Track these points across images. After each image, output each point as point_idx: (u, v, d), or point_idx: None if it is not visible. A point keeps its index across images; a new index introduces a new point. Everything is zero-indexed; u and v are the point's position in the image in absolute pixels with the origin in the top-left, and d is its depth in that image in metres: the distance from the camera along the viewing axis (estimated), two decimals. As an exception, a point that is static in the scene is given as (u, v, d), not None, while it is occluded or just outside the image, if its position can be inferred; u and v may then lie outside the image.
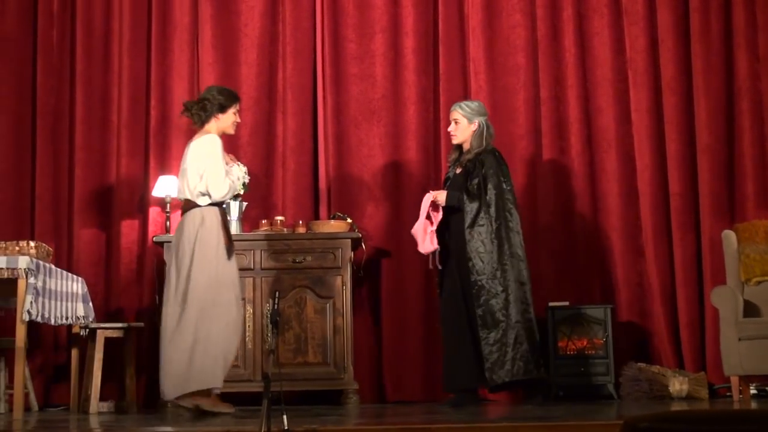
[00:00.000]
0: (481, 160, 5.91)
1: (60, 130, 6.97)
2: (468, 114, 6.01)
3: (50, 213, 6.89)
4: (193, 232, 5.41)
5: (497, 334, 5.74)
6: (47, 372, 6.75)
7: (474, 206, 5.83)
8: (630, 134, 6.88)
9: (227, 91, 5.68)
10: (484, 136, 5.98)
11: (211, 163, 5.43)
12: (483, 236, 5.80)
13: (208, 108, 5.57)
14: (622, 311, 6.74)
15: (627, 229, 6.81)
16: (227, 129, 5.64)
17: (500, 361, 5.73)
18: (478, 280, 5.78)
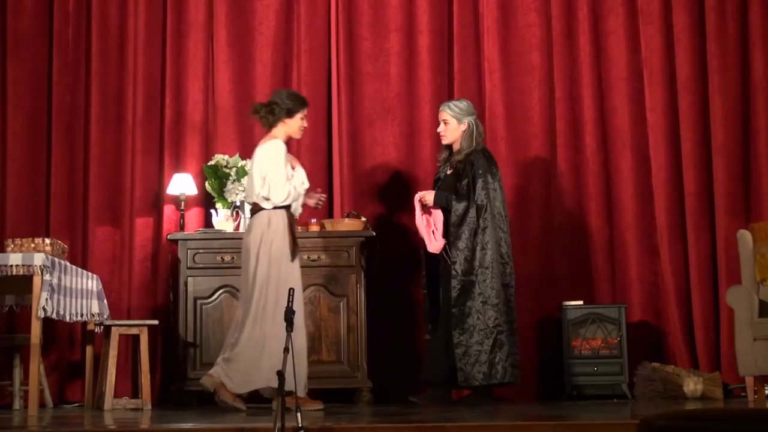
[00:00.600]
0: (471, 160, 5.87)
1: (75, 128, 6.99)
2: (457, 114, 5.97)
3: (65, 210, 6.91)
4: (259, 234, 5.56)
5: (471, 337, 5.67)
6: (62, 369, 6.77)
7: (461, 206, 5.79)
8: (645, 134, 6.86)
9: (296, 95, 5.78)
10: (474, 136, 5.94)
11: (273, 169, 5.57)
12: (468, 236, 5.76)
13: (276, 112, 5.69)
14: (637, 311, 6.72)
15: (642, 228, 6.80)
16: (294, 133, 5.76)
17: (475, 364, 5.66)
18: (460, 281, 5.73)
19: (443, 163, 6.09)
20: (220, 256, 6.43)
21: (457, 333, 5.70)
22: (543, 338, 6.76)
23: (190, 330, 6.35)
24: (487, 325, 5.71)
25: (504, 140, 6.93)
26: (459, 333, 5.71)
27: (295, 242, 5.58)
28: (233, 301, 6.37)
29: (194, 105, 7.01)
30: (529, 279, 6.80)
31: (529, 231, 6.87)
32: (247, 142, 6.97)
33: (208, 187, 6.75)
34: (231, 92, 7.02)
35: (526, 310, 6.75)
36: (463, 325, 5.71)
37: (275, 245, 5.55)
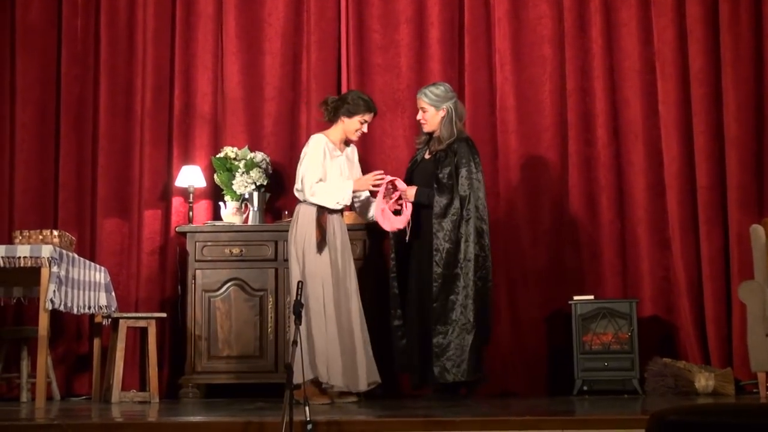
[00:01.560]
0: (454, 149, 5.79)
1: (84, 119, 6.99)
2: (434, 101, 5.87)
3: (73, 202, 6.92)
4: (291, 228, 5.68)
5: (452, 332, 5.61)
6: (69, 361, 6.79)
7: (444, 197, 5.70)
8: (657, 126, 6.84)
9: (365, 99, 5.84)
10: (453, 122, 5.84)
11: (306, 163, 5.67)
12: (451, 228, 5.68)
13: (340, 109, 5.77)
14: (648, 305, 6.70)
15: (653, 222, 6.77)
16: (350, 135, 5.83)
17: (456, 359, 5.60)
18: (442, 274, 5.65)
19: (423, 145, 5.99)
20: (228, 249, 6.44)
21: (438, 328, 5.62)
22: (553, 333, 6.74)
23: (198, 323, 6.36)
24: (469, 320, 5.64)
25: (515, 133, 6.91)
26: (441, 328, 5.62)
27: (323, 235, 5.59)
28: (241, 294, 6.38)
29: (203, 96, 7.00)
30: (538, 272, 6.79)
31: (539, 224, 6.85)
32: (256, 133, 6.97)
33: (216, 179, 6.75)
34: (240, 83, 7.01)
35: (536, 304, 6.74)
36: (445, 320, 5.63)
37: (301, 239, 5.62)
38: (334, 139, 5.78)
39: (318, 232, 5.62)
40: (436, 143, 5.86)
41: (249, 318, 6.38)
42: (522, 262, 6.82)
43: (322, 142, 5.72)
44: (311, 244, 5.61)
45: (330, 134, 5.80)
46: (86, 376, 6.70)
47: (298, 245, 5.63)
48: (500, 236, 6.79)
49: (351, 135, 5.83)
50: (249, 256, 6.42)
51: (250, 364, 6.27)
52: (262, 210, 6.63)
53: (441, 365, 5.61)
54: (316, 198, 5.64)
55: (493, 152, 6.93)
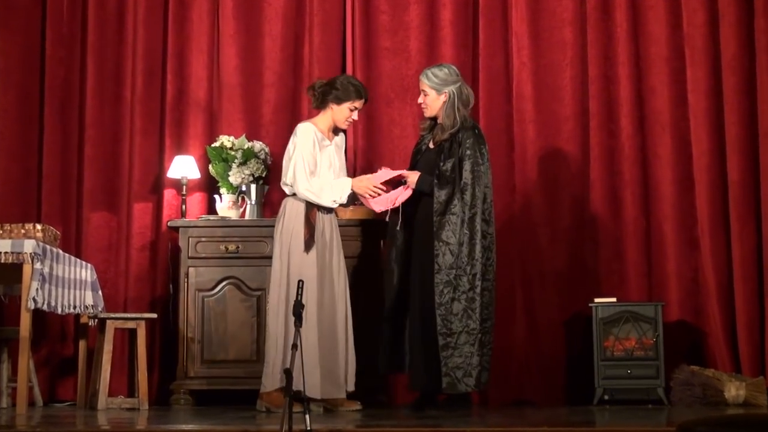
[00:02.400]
0: (458, 139, 5.74)
1: (69, 106, 7.00)
2: (435, 85, 5.83)
3: (58, 194, 6.93)
4: (277, 224, 5.72)
5: (459, 340, 5.56)
6: (53, 365, 6.80)
7: (445, 191, 5.66)
8: (686, 117, 6.82)
9: (355, 85, 5.86)
10: (455, 108, 5.79)
11: (296, 155, 5.69)
12: (454, 225, 5.63)
13: (328, 95, 5.79)
14: (674, 309, 6.69)
15: (681, 219, 6.76)
16: (339, 123, 5.86)
17: (467, 369, 5.55)
18: (444, 277, 5.59)
19: (427, 131, 5.96)
20: (224, 245, 6.44)
21: (444, 336, 5.58)
22: (572, 338, 6.73)
23: (191, 324, 6.37)
24: (476, 325, 5.60)
25: (533, 123, 6.90)
26: (447, 336, 5.58)
27: (311, 233, 5.60)
28: (237, 294, 6.39)
29: (198, 81, 7.01)
30: (557, 273, 6.78)
31: (558, 221, 6.84)
32: (254, 122, 6.97)
33: (211, 170, 6.75)
34: (237, 68, 7.02)
35: (554, 307, 6.74)
36: (450, 326, 5.58)
37: (287, 236, 5.64)
38: (322, 127, 5.80)
39: (306, 229, 5.63)
40: (439, 132, 5.83)
41: (245, 319, 6.38)
42: (539, 262, 6.81)
43: (311, 132, 5.72)
44: (298, 242, 5.62)
45: (318, 122, 5.82)
46: (71, 380, 6.71)
47: (284, 242, 5.65)
48: (516, 234, 6.79)
49: (340, 123, 5.85)
50: (246, 253, 6.42)
51: (247, 368, 6.27)
52: (260, 203, 6.63)
53: (450, 376, 5.57)
54: (310, 195, 5.65)
55: (508, 144, 6.92)
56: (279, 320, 5.58)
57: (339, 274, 5.76)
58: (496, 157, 6.85)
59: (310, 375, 5.39)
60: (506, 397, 6.58)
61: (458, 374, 5.57)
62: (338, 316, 5.69)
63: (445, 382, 5.57)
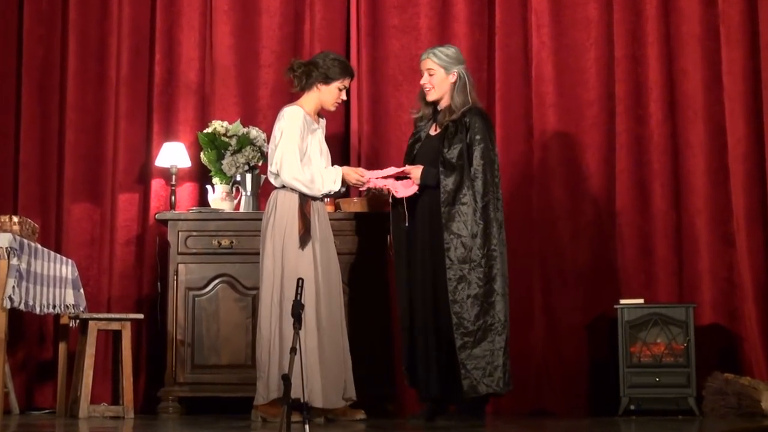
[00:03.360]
0: (466, 122, 5.72)
1: (49, 87, 7.00)
2: (444, 62, 5.83)
3: (36, 184, 6.93)
4: (266, 218, 5.70)
5: (478, 337, 5.55)
6: (30, 369, 6.80)
7: (452, 179, 5.64)
8: (721, 101, 6.81)
9: (341, 62, 5.85)
10: (467, 90, 5.81)
11: (283, 141, 5.66)
12: (466, 216, 5.62)
13: (313, 74, 5.77)
14: (707, 311, 6.68)
15: (715, 213, 6.75)
16: (326, 104, 5.84)
17: (487, 369, 5.55)
18: (458, 271, 5.59)
19: (425, 122, 5.94)
20: (216, 240, 6.44)
21: (461, 335, 5.57)
22: (595, 343, 6.73)
23: (180, 326, 6.36)
24: (495, 321, 5.60)
25: (553, 107, 6.90)
26: (464, 334, 5.58)
27: (306, 228, 5.59)
28: (231, 293, 6.39)
29: (188, 62, 7.00)
30: (579, 272, 6.78)
31: (581, 215, 6.83)
32: (250, 106, 6.97)
33: (203, 158, 6.75)
34: (232, 47, 7.01)
35: (576, 309, 6.73)
36: (467, 325, 5.59)
37: (280, 231, 5.63)
38: (309, 110, 5.79)
39: (301, 223, 5.62)
40: (446, 114, 5.81)
41: (240, 321, 6.38)
42: (560, 260, 6.80)
43: (300, 116, 5.70)
44: (292, 239, 5.61)
45: (305, 105, 5.80)
46: (50, 386, 6.71)
47: (276, 239, 5.63)
48: (535, 229, 6.78)
49: (328, 105, 5.84)
50: (240, 248, 6.41)
51: (241, 374, 6.27)
52: (255, 195, 6.62)
53: (470, 378, 5.55)
54: (298, 184, 5.63)
55: (527, 130, 6.91)
56: (273, 324, 5.56)
57: (332, 271, 5.75)
58: (513, 145, 6.86)
59: (310, 381, 5.38)
60: (523, 407, 6.57)
61: (477, 375, 5.55)
62: (335, 318, 5.69)
63: (466, 385, 5.54)
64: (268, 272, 5.63)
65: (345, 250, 6.36)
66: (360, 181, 5.83)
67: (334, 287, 5.72)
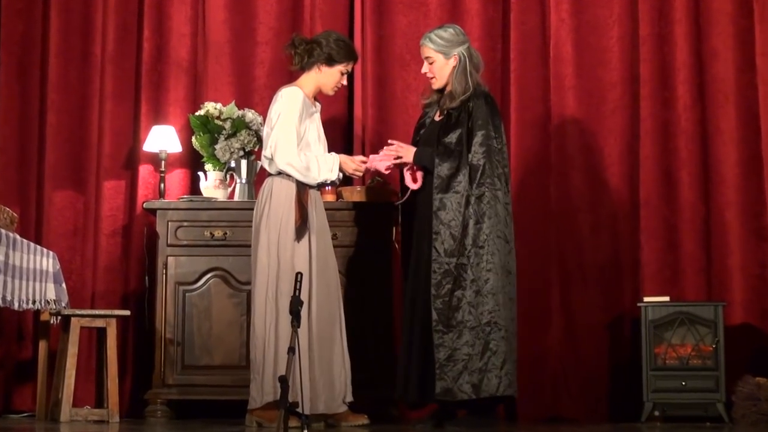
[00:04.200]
0: (469, 107, 5.72)
1: (29, 66, 6.99)
2: (442, 48, 5.80)
3: (15, 170, 6.93)
4: (260, 207, 5.69)
5: (459, 336, 5.52)
6: (8, 369, 6.80)
7: (447, 165, 5.63)
8: (754, 84, 6.81)
9: (346, 43, 5.85)
10: (467, 72, 5.78)
11: (280, 124, 5.65)
12: (457, 206, 5.60)
13: (315, 54, 5.76)
14: (737, 310, 6.69)
15: (747, 205, 6.75)
16: (325, 88, 5.84)
17: (462, 372, 5.50)
18: (444, 264, 5.58)
19: (433, 105, 5.93)
20: (209, 231, 6.44)
21: (439, 332, 5.55)
22: (616, 343, 6.74)
23: (169, 323, 6.36)
24: (479, 322, 5.56)
25: (573, 90, 6.89)
26: (442, 332, 5.55)
27: (303, 219, 5.58)
28: (224, 288, 6.38)
29: (179, 38, 6.99)
30: (600, 267, 6.78)
31: (601, 206, 6.83)
32: (245, 86, 6.96)
33: (195, 143, 6.74)
34: (226, 23, 7.01)
35: (596, 307, 6.73)
36: (448, 322, 5.56)
37: (275, 222, 5.63)
38: (307, 92, 5.78)
39: (298, 214, 5.61)
40: (447, 100, 5.80)
41: (233, 318, 6.38)
42: (579, 254, 6.80)
43: (300, 98, 5.69)
44: (288, 230, 5.60)
45: (304, 86, 5.78)
46: (29, 387, 6.72)
47: (271, 230, 5.62)
48: (552, 222, 6.78)
49: (328, 88, 5.83)
50: (234, 240, 6.40)
51: (235, 376, 6.27)
52: (251, 182, 6.61)
53: (444, 380, 5.53)
54: (292, 171, 5.62)
55: (544, 114, 6.91)
56: (268, 322, 5.55)
57: (329, 265, 5.74)
58: (529, 131, 6.85)
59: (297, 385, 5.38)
60: (539, 412, 6.57)
61: (452, 377, 5.51)
62: (333, 315, 5.68)
63: (439, 387, 5.52)
64: (262, 266, 5.62)
65: (346, 242, 6.36)
66: (358, 171, 5.82)
67: (331, 282, 5.71)
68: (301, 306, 4.46)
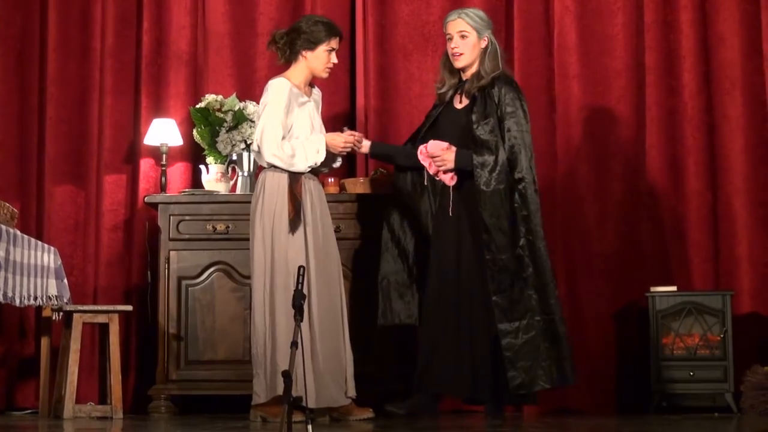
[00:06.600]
0: (493, 94, 5.72)
1: (28, 59, 7.00)
2: (478, 25, 5.82)
3: (14, 165, 6.94)
4: (254, 201, 5.72)
5: (526, 328, 5.58)
6: (11, 366, 6.82)
7: (487, 159, 5.64)
8: (761, 71, 6.80)
9: (323, 23, 5.82)
10: (498, 56, 5.81)
11: (264, 116, 5.67)
12: (503, 199, 5.62)
13: (297, 43, 5.77)
14: (746, 299, 6.69)
15: (754, 193, 6.75)
16: (317, 71, 5.82)
17: (535, 361, 5.57)
18: (498, 260, 5.60)
19: (451, 91, 5.91)
20: (211, 225, 6.45)
21: (505, 326, 5.58)
22: (624, 334, 6.75)
23: (172, 318, 6.38)
24: (543, 311, 5.62)
25: (577, 78, 6.89)
26: (508, 326, 5.58)
27: (296, 211, 5.60)
28: (227, 282, 6.40)
29: (179, 30, 7.00)
30: (607, 257, 6.78)
31: (608, 195, 6.83)
32: (246, 78, 6.97)
33: (196, 136, 6.76)
34: (226, 14, 7.02)
35: (603, 297, 6.74)
36: (513, 315, 5.60)
37: (268, 215, 5.65)
38: (298, 82, 5.78)
39: (291, 205, 5.63)
40: (474, 81, 5.80)
41: (237, 312, 6.39)
42: (586, 244, 6.81)
43: (285, 89, 5.71)
44: (282, 223, 5.63)
45: (292, 77, 5.79)
46: (32, 384, 6.75)
47: (266, 224, 5.65)
48: (557, 211, 6.78)
49: (319, 71, 5.82)
50: (237, 233, 6.42)
51: (238, 370, 6.28)
52: (253, 175, 6.63)
53: (519, 374, 5.57)
54: (279, 162, 5.64)
55: (549, 104, 6.92)
56: (266, 316, 5.59)
57: (330, 257, 5.75)
58: (534, 120, 6.77)
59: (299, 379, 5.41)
60: (546, 404, 6.57)
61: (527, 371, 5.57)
62: (335, 308, 5.69)
63: (516, 381, 5.55)
64: (258, 260, 5.65)
65: (350, 235, 6.37)
66: (348, 144, 5.80)
67: (332, 275, 5.72)
68: (304, 300, 4.46)
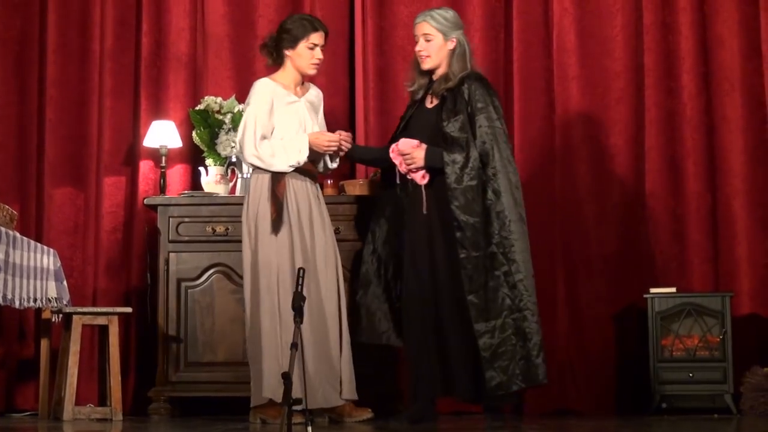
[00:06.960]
0: (463, 92, 5.66)
1: (27, 61, 7.01)
2: (444, 27, 5.75)
3: (14, 167, 6.94)
4: (245, 202, 5.74)
5: (502, 326, 5.49)
6: (10, 368, 6.82)
7: (457, 156, 5.57)
8: (760, 72, 6.81)
9: (303, 19, 5.84)
10: (467, 58, 5.76)
11: (246, 115, 5.71)
12: (474, 196, 5.55)
13: (281, 44, 5.79)
14: (745, 301, 6.70)
15: (754, 194, 6.75)
16: (303, 69, 5.82)
17: (510, 362, 5.48)
18: (472, 258, 5.52)
19: (422, 91, 5.85)
20: (210, 227, 6.46)
21: (481, 326, 5.50)
22: (623, 335, 6.75)
23: (172, 320, 6.38)
24: (517, 308, 5.54)
25: (576, 80, 6.90)
26: (484, 325, 5.50)
27: (278, 212, 5.60)
28: (226, 284, 6.40)
29: (178, 32, 7.01)
30: (606, 258, 6.79)
31: (607, 197, 6.83)
32: (245, 80, 6.95)
33: (195, 138, 6.76)
34: (225, 17, 7.02)
35: (602, 299, 6.75)
36: (488, 314, 5.52)
37: (259, 215, 5.66)
38: (286, 82, 5.78)
39: (273, 206, 5.63)
40: (442, 82, 5.75)
41: (236, 314, 6.38)
42: (585, 246, 6.81)
43: (268, 89, 5.72)
44: (265, 223, 5.64)
45: (279, 77, 5.80)
46: (31, 386, 6.75)
47: (250, 225, 5.68)
48: (557, 213, 6.79)
49: (305, 68, 5.81)
50: (236, 235, 6.40)
51: (238, 372, 6.27)
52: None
53: (495, 372, 5.49)
54: (258, 162, 5.65)
55: (548, 105, 6.92)
56: (252, 316, 5.61)
57: (326, 259, 5.73)
58: (533, 122, 6.86)
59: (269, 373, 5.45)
60: (544, 405, 6.59)
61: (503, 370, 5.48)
62: (327, 309, 5.66)
63: (493, 382, 5.46)
64: (246, 261, 5.68)
65: (349, 237, 6.38)
66: (333, 143, 5.75)
67: (328, 277, 5.70)
68: (303, 302, 4.47)
